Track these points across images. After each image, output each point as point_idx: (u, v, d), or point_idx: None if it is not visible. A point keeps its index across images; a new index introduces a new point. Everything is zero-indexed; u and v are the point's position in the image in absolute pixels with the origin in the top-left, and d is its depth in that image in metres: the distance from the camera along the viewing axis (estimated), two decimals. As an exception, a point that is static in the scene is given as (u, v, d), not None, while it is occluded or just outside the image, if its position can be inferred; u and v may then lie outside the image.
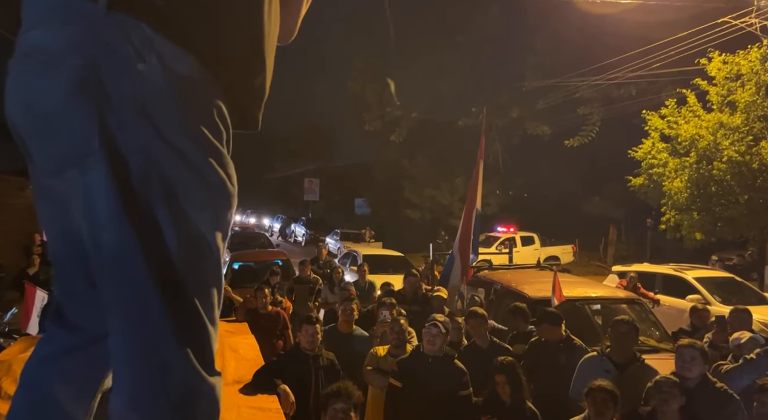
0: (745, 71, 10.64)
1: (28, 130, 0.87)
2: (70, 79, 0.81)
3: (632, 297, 6.09)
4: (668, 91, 13.71)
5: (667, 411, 2.92)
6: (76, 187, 0.83)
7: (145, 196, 0.82)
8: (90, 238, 0.84)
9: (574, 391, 3.53)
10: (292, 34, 1.12)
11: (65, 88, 0.81)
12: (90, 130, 0.81)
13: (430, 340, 3.57)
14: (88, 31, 0.82)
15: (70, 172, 0.83)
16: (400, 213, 23.44)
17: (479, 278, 6.83)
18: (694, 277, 8.63)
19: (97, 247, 0.83)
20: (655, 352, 4.70)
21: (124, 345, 0.85)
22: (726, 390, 3.13)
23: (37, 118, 0.84)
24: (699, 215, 11.50)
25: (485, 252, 12.25)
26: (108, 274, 0.83)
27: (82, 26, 0.82)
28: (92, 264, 0.86)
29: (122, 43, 0.82)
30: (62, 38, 0.82)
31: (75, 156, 0.82)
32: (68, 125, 0.82)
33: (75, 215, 0.86)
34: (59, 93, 0.81)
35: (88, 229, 0.84)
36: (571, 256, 18.64)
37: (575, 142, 16.94)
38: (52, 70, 0.81)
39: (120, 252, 0.81)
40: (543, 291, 5.36)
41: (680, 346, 3.30)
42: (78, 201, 0.84)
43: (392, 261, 11.61)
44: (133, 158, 0.82)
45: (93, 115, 0.81)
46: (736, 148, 10.54)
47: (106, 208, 0.81)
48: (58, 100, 0.81)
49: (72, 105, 0.81)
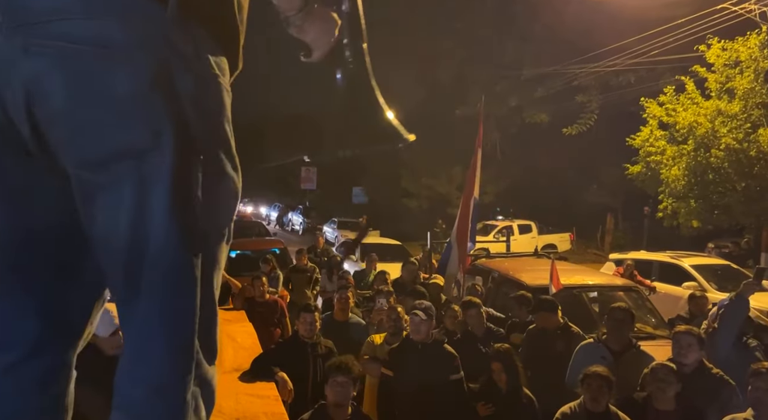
0: (744, 58, 10.59)
1: (64, 118, 0.83)
2: (142, 75, 0.83)
3: (629, 284, 6.11)
4: (667, 79, 13.66)
5: (663, 397, 2.94)
6: (122, 181, 0.84)
7: (194, 192, 0.88)
8: (128, 230, 0.85)
9: (571, 378, 3.55)
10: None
11: (136, 83, 0.83)
12: (160, 127, 0.84)
13: (414, 329, 3.58)
14: (158, 31, 0.86)
15: (121, 164, 0.84)
16: (397, 202, 23.43)
17: (477, 266, 6.85)
18: (690, 264, 8.66)
19: (137, 239, 0.85)
20: (652, 339, 4.74)
21: (156, 334, 0.88)
22: (722, 376, 3.16)
23: (89, 108, 0.82)
24: (696, 203, 11.53)
25: (483, 240, 12.26)
26: (147, 264, 0.85)
27: (151, 26, 0.85)
28: (111, 254, 0.87)
29: (186, 43, 0.88)
30: (128, 34, 0.83)
31: (135, 149, 0.84)
32: (134, 119, 0.84)
33: (97, 207, 0.86)
34: (127, 87, 0.82)
35: (131, 222, 0.84)
36: (568, 244, 18.71)
37: (573, 130, 16.90)
38: (117, 64, 0.82)
39: (167, 244, 0.85)
40: (540, 279, 5.38)
41: (677, 332, 3.32)
42: (122, 194, 0.84)
43: (390, 249, 11.63)
44: (192, 158, 0.87)
45: (164, 112, 0.84)
46: (734, 136, 10.53)
47: (161, 203, 0.84)
48: (125, 94, 0.82)
49: (142, 100, 0.83)
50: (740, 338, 3.81)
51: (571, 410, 3.00)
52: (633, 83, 15.78)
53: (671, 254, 9.41)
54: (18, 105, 0.83)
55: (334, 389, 2.83)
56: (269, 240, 12.87)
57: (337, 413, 2.82)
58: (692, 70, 11.41)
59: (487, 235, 16.23)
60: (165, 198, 0.85)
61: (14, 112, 0.84)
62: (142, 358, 0.89)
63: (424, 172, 21.41)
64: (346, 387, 2.83)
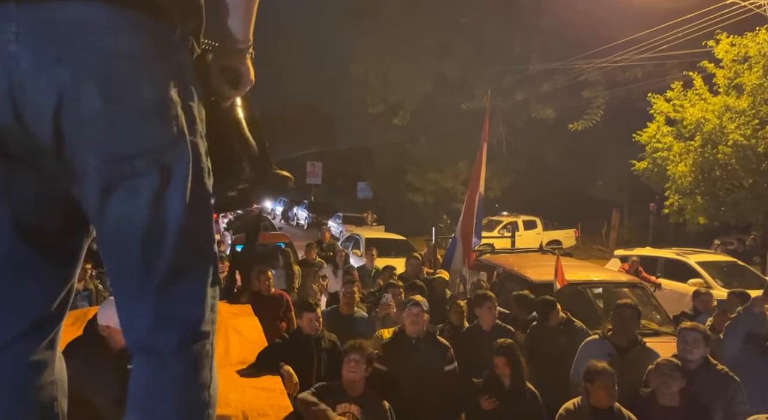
0: (752, 53, 10.49)
1: (96, 121, 0.92)
2: (165, 84, 0.97)
3: (634, 281, 6.10)
4: (674, 74, 13.55)
5: (667, 393, 2.94)
6: (143, 174, 0.96)
7: (206, 182, 1.04)
8: (150, 219, 0.97)
9: (575, 374, 3.56)
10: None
11: (160, 91, 0.96)
12: (179, 128, 0.98)
13: (413, 321, 3.60)
14: (173, 45, 1.01)
15: (143, 159, 0.95)
16: (402, 197, 23.40)
17: (482, 262, 6.85)
18: (696, 261, 8.63)
19: (157, 226, 0.97)
20: (657, 336, 4.73)
21: (182, 292, 1.02)
22: (726, 372, 3.15)
23: (120, 112, 0.93)
24: (703, 199, 11.45)
25: (488, 236, 12.25)
26: (166, 245, 0.99)
27: (168, 40, 1.00)
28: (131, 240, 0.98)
29: (190, 55, 1.07)
30: (151, 47, 0.97)
31: (157, 148, 0.96)
32: (157, 122, 0.96)
33: (117, 197, 0.96)
34: (152, 95, 0.95)
35: (152, 210, 0.97)
36: (573, 240, 18.64)
37: (579, 126, 16.80)
38: (144, 73, 0.94)
39: (186, 228, 0.99)
40: (545, 275, 5.37)
41: (682, 328, 3.31)
42: (143, 185, 0.96)
43: (394, 244, 11.63)
44: (202, 152, 1.03)
45: (182, 115, 0.99)
46: (741, 132, 10.44)
47: (180, 190, 0.98)
48: (151, 101, 0.95)
49: (165, 106, 0.97)
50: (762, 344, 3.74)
51: (575, 406, 3.01)
52: (640, 79, 15.66)
53: (677, 251, 9.37)
54: (42, 108, 0.90)
55: (349, 365, 3.03)
56: (275, 234, 12.88)
57: (351, 387, 3.03)
58: (700, 66, 11.31)
59: (491, 230, 16.19)
60: (183, 186, 0.99)
61: (33, 114, 0.90)
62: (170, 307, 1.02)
63: (429, 167, 21.36)
64: (359, 364, 3.03)
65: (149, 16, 0.97)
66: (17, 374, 1.02)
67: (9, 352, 1.01)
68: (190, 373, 1.04)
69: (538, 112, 17.87)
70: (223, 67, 1.18)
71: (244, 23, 1.15)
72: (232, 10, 1.14)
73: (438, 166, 21.04)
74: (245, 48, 1.18)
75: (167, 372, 1.02)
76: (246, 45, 1.18)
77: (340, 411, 2.93)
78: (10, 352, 1.01)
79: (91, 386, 1.57)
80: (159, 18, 0.99)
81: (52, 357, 1.08)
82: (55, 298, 1.06)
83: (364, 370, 3.05)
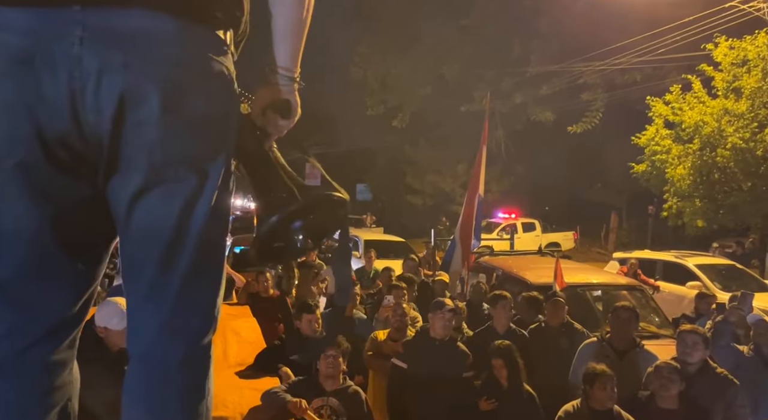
0: (751, 57, 10.52)
1: (152, 126, 0.95)
2: (215, 99, 1.01)
3: (633, 283, 6.10)
4: (673, 77, 13.58)
5: (666, 395, 2.94)
6: (180, 180, 0.99)
7: (229, 196, 1.08)
8: (179, 224, 1.00)
9: (574, 376, 3.55)
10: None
11: (210, 106, 1.00)
12: (220, 145, 1.03)
13: (445, 325, 3.61)
14: (222, 61, 1.03)
15: (184, 167, 0.99)
16: (401, 199, 23.40)
17: (481, 264, 6.85)
18: (694, 264, 8.63)
19: (184, 229, 1.01)
20: (656, 338, 4.73)
21: (195, 298, 1.05)
22: (726, 375, 3.15)
23: (174, 122, 0.96)
24: (701, 202, 11.47)
25: (487, 238, 12.27)
26: (189, 250, 1.02)
27: (219, 56, 1.03)
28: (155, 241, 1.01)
29: (233, 68, 1.08)
30: (206, 62, 1.00)
31: (198, 158, 1.01)
32: (203, 136, 1.00)
33: (152, 199, 0.99)
34: (203, 109, 0.99)
35: (183, 214, 1.00)
36: (572, 243, 18.66)
37: (578, 129, 16.82)
38: (198, 87, 0.98)
39: (208, 235, 1.03)
40: (544, 277, 5.37)
41: (682, 331, 3.31)
42: (178, 190, 0.99)
43: (393, 246, 11.63)
44: (231, 165, 1.09)
45: (225, 132, 1.04)
46: (740, 135, 10.47)
47: (209, 201, 1.02)
48: (201, 115, 0.99)
49: (212, 121, 1.01)
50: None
51: (574, 408, 3.00)
52: (639, 82, 15.69)
53: (675, 254, 9.38)
54: (104, 109, 0.92)
55: (326, 361, 3.05)
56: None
57: (328, 383, 3.04)
58: (699, 69, 11.34)
59: (490, 232, 16.21)
60: (213, 194, 1.03)
61: (93, 116, 0.93)
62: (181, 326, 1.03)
63: (428, 169, 21.37)
64: (336, 359, 3.06)
65: (209, 28, 1.01)
66: (39, 375, 1.02)
67: (33, 353, 1.01)
68: (193, 385, 1.05)
69: (537, 115, 17.89)
70: (272, 98, 1.17)
71: (293, 52, 1.16)
72: (280, 39, 1.14)
73: (437, 168, 21.05)
74: (293, 77, 1.17)
75: (171, 384, 1.03)
76: (294, 74, 1.17)
77: (317, 405, 2.93)
78: (34, 353, 1.01)
79: (89, 388, 1.56)
80: (216, 29, 1.02)
81: (72, 357, 1.09)
82: (80, 300, 1.07)
83: (340, 365, 3.09)
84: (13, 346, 0.99)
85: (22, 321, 0.99)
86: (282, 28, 1.13)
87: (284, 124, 1.20)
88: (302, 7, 1.12)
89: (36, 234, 0.96)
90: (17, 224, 0.95)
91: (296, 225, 1.15)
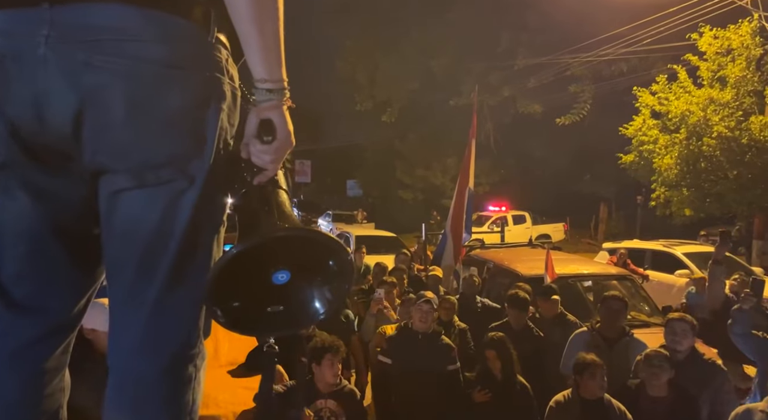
0: (735, 46, 10.61)
1: (121, 128, 0.90)
2: (193, 92, 0.93)
3: (623, 273, 6.15)
4: (659, 68, 13.67)
5: (656, 383, 2.97)
6: (164, 183, 0.94)
7: (223, 192, 1.02)
8: (160, 227, 0.95)
9: (565, 366, 3.58)
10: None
11: (187, 99, 0.92)
12: (204, 138, 0.95)
13: (422, 317, 3.60)
14: (205, 53, 0.96)
15: (167, 169, 0.93)
16: (392, 194, 23.40)
17: (472, 257, 6.87)
18: (682, 252, 8.72)
19: (167, 232, 0.95)
20: (646, 327, 4.77)
21: (178, 309, 0.99)
22: (714, 362, 3.19)
23: (146, 121, 0.90)
24: (688, 191, 11.58)
25: (477, 231, 12.28)
26: (171, 254, 0.96)
27: (199, 48, 0.95)
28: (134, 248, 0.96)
29: (223, 60, 0.99)
30: (182, 56, 0.92)
31: (181, 157, 0.94)
32: (183, 131, 0.93)
33: (133, 202, 0.94)
34: (180, 103, 0.92)
35: (166, 216, 0.94)
36: (562, 234, 18.78)
37: (566, 120, 16.90)
38: (172, 82, 0.91)
39: (192, 239, 0.97)
40: (535, 269, 5.40)
41: (670, 319, 3.35)
42: (163, 193, 0.94)
43: (385, 242, 11.64)
44: (225, 161, 1.00)
45: (209, 125, 0.95)
46: (726, 124, 10.56)
47: (194, 203, 0.95)
48: (178, 110, 0.92)
49: (191, 115, 0.93)
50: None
51: (565, 398, 3.03)
52: (625, 72, 15.78)
53: (664, 243, 9.47)
54: (64, 113, 0.88)
55: (326, 365, 3.02)
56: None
57: (324, 385, 3.05)
58: (684, 59, 11.42)
59: (481, 225, 16.26)
60: (199, 196, 0.95)
61: (56, 119, 0.89)
62: (163, 332, 0.98)
63: (418, 164, 21.39)
64: (335, 363, 3.06)
65: (183, 20, 0.93)
66: (33, 379, 1.00)
67: (28, 355, 0.99)
68: (175, 397, 1.01)
69: (526, 108, 17.95)
70: (255, 121, 0.99)
71: (265, 56, 0.96)
72: (246, 42, 0.96)
73: (427, 162, 21.08)
74: (273, 89, 0.98)
75: (150, 397, 0.99)
76: (273, 85, 0.98)
77: (315, 409, 2.93)
78: (29, 355, 0.99)
79: (77, 390, 1.54)
80: (193, 23, 0.94)
81: (65, 363, 1.07)
82: (78, 303, 1.05)
83: (339, 369, 3.07)
84: (6, 348, 0.97)
85: (16, 322, 0.97)
86: (244, 26, 0.95)
87: (265, 151, 0.99)
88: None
89: (33, 234, 0.95)
90: (13, 224, 0.94)
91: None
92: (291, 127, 1.02)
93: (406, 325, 3.73)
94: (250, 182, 1.02)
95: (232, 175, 1.01)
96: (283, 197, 1.04)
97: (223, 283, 0.92)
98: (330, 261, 1.01)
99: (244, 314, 1.01)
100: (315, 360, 3.08)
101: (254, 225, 0.98)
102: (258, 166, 1.01)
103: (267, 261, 0.98)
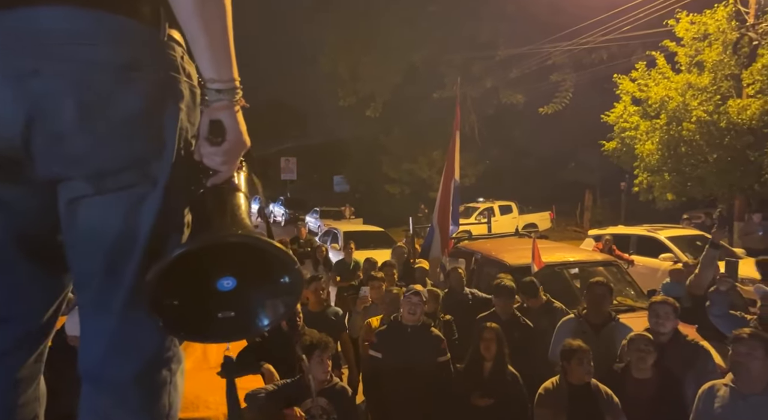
0: (712, 31, 10.74)
1: (75, 135, 0.87)
2: (149, 93, 0.90)
3: (609, 259, 6.22)
4: (638, 55, 13.80)
5: (642, 366, 3.02)
6: (125, 187, 0.92)
7: (186, 191, 0.99)
8: (123, 232, 0.93)
9: (553, 354, 3.62)
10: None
11: (143, 101, 0.90)
12: (164, 139, 0.92)
13: (411, 309, 3.61)
14: (158, 52, 0.94)
15: (127, 173, 0.91)
16: (379, 188, 23.40)
17: (460, 249, 6.90)
18: (666, 236, 8.86)
19: (131, 235, 0.93)
20: (632, 311, 4.84)
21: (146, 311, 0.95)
22: (696, 343, 3.26)
23: (101, 126, 0.88)
24: (670, 176, 11.74)
25: (465, 222, 12.34)
26: (136, 259, 0.94)
27: (152, 48, 0.93)
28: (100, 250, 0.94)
29: (177, 59, 0.98)
30: (135, 57, 0.90)
31: (141, 160, 0.92)
32: (141, 134, 0.91)
33: (95, 208, 0.93)
34: (136, 105, 0.89)
35: (129, 220, 0.93)
36: (548, 223, 18.93)
37: (549, 109, 17.02)
38: (127, 85, 0.88)
39: (158, 240, 0.94)
40: (522, 258, 5.43)
41: (653, 302, 3.40)
42: (122, 198, 0.92)
43: (373, 236, 11.65)
44: (188, 158, 0.98)
45: (168, 125, 0.93)
46: (704, 108, 10.71)
47: (158, 204, 0.94)
48: (135, 112, 0.89)
49: (149, 117, 0.91)
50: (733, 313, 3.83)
51: (554, 385, 3.07)
52: (605, 60, 15.92)
53: (648, 227, 9.60)
54: (12, 123, 0.85)
55: (316, 362, 3.02)
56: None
57: (315, 383, 3.03)
58: (662, 45, 11.54)
59: (468, 217, 16.33)
60: (162, 197, 0.94)
61: (5, 130, 0.86)
62: (131, 341, 0.97)
63: (404, 158, 21.40)
64: (325, 360, 3.06)
65: (133, 21, 0.90)
66: (5, 390, 0.98)
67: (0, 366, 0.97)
68: (149, 404, 0.99)
69: (508, 98, 18.03)
70: (205, 122, 0.96)
71: (212, 57, 0.93)
72: (192, 40, 0.93)
73: (413, 156, 21.10)
74: (222, 89, 0.95)
75: (123, 404, 0.97)
76: (222, 85, 0.94)
77: (307, 407, 2.93)
78: (0, 367, 0.97)
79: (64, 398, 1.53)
80: (143, 22, 0.91)
81: (39, 372, 1.05)
82: (46, 310, 1.03)
83: (329, 367, 3.08)
84: None
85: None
86: (190, 25, 0.92)
87: (214, 152, 0.96)
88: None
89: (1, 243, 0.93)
90: None
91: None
92: (243, 128, 0.98)
93: (395, 319, 3.73)
94: (205, 183, 0.99)
95: (191, 176, 0.99)
96: (240, 201, 1.00)
97: (165, 283, 0.90)
98: (280, 271, 0.99)
99: (188, 317, 0.97)
100: (307, 354, 3.08)
101: (204, 227, 0.95)
102: (213, 169, 0.98)
103: (213, 265, 0.96)
